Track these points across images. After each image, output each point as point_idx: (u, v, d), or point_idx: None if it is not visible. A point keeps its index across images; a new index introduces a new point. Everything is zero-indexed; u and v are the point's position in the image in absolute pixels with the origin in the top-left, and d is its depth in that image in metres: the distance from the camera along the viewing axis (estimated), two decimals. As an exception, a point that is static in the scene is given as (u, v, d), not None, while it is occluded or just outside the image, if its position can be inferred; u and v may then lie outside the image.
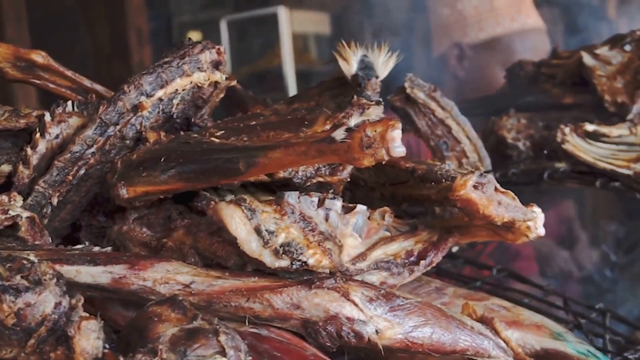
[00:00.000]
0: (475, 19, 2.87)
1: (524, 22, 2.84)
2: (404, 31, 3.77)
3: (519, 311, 1.41)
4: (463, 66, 2.93)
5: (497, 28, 2.84)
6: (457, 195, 1.22)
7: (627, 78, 1.88)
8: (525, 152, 1.90)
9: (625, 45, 1.95)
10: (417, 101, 1.64)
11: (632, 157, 1.75)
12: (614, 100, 1.86)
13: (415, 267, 1.29)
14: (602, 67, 1.93)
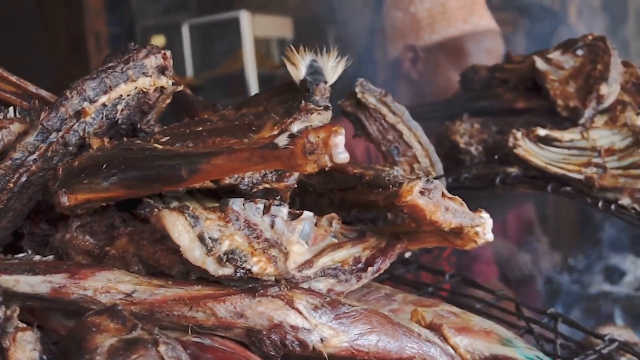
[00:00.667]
0: (428, 21, 2.87)
1: (476, 24, 2.85)
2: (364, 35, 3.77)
3: (468, 317, 1.40)
4: (417, 69, 2.93)
5: (449, 30, 2.85)
6: (404, 201, 1.21)
7: (579, 82, 1.89)
8: (477, 156, 1.90)
9: (578, 49, 1.96)
10: (368, 106, 1.63)
11: (583, 162, 1.75)
12: (566, 104, 1.86)
13: (362, 273, 1.28)
14: (554, 72, 1.93)
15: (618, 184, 1.72)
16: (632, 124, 1.79)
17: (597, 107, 1.84)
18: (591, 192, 1.74)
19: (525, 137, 1.78)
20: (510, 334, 1.40)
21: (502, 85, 2.08)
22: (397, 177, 1.31)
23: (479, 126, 1.95)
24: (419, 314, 1.29)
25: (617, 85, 1.88)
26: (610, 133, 1.80)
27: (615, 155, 1.76)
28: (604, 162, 1.75)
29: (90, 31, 4.31)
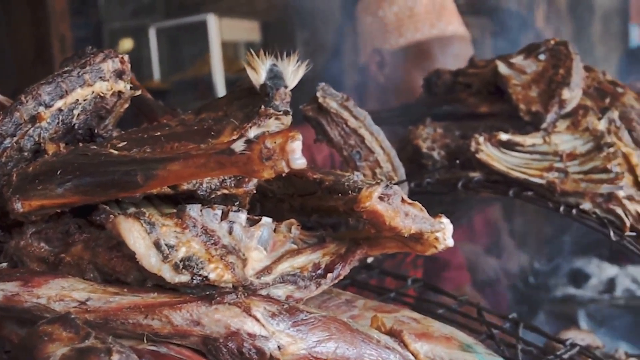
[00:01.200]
0: (395, 25, 2.87)
1: (444, 29, 2.85)
2: (334, 39, 3.76)
3: (429, 323, 1.40)
4: (383, 73, 2.92)
5: (416, 34, 2.85)
6: (363, 207, 1.20)
7: (541, 87, 1.89)
8: (440, 161, 1.90)
9: (540, 54, 1.96)
10: (329, 111, 1.62)
11: (545, 166, 1.76)
12: (529, 109, 1.86)
13: (322, 280, 1.27)
14: (517, 76, 1.93)
15: (579, 189, 1.72)
16: (594, 128, 1.80)
17: (559, 112, 1.84)
18: (553, 197, 1.74)
19: (487, 142, 1.78)
20: (470, 339, 1.39)
21: (465, 89, 2.08)
22: (356, 183, 1.30)
23: (442, 131, 1.94)
24: (379, 320, 1.28)
25: (579, 90, 1.88)
26: (572, 138, 1.81)
27: (577, 160, 1.76)
28: (565, 166, 1.75)
29: (55, 35, 4.28)
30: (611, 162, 1.73)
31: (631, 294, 3.46)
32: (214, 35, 6.18)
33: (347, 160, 1.66)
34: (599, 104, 1.92)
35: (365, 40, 3.06)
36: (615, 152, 1.75)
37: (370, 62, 2.99)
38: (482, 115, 1.99)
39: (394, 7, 2.90)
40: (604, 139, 1.77)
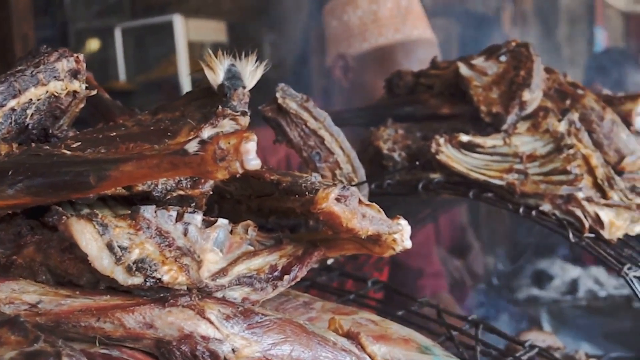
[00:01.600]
0: (360, 30, 2.85)
1: (408, 34, 2.84)
2: (300, 41, 3.76)
3: (387, 325, 1.39)
4: (347, 78, 2.91)
5: (379, 39, 2.83)
6: (319, 208, 1.19)
7: (502, 88, 1.89)
8: (400, 162, 1.89)
9: (501, 55, 1.96)
10: (289, 111, 1.61)
11: (505, 168, 1.76)
12: (489, 110, 1.86)
13: (278, 282, 1.26)
14: (478, 78, 1.93)
15: (539, 190, 1.72)
16: (554, 130, 1.80)
17: (519, 114, 1.84)
18: (512, 198, 1.75)
19: (447, 143, 1.78)
20: (429, 341, 1.39)
21: (426, 90, 2.08)
22: (313, 184, 1.29)
23: (403, 132, 1.94)
24: (336, 322, 1.27)
25: (539, 92, 1.89)
26: (532, 139, 1.81)
27: (537, 162, 1.77)
28: (525, 168, 1.75)
29: (18, 35, 4.23)
30: (571, 164, 1.74)
31: (593, 295, 3.48)
32: (180, 35, 6.14)
33: (306, 161, 1.65)
34: (560, 106, 1.92)
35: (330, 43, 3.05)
36: (575, 154, 1.75)
37: (335, 66, 2.97)
38: (443, 117, 1.98)
39: (359, 11, 2.89)
40: (564, 141, 1.78)
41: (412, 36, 2.86)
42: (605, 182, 1.75)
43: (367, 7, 2.89)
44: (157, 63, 6.76)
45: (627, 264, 1.68)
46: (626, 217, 1.74)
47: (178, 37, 6.24)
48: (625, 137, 1.89)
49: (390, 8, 2.88)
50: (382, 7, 2.88)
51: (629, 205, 1.75)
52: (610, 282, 3.51)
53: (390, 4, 2.88)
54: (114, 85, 6.07)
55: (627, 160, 1.85)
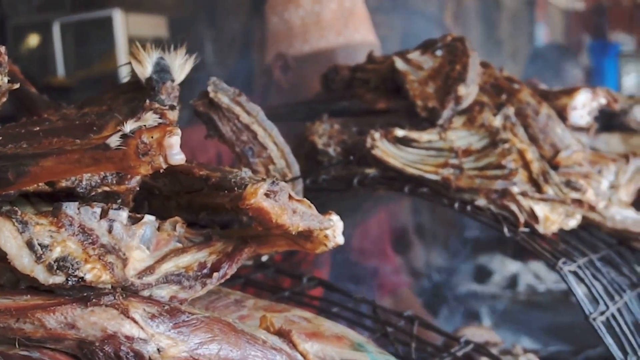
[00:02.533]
0: (301, 30, 2.80)
1: (350, 37, 2.78)
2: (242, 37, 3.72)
3: (320, 322, 1.37)
4: (287, 78, 2.85)
5: (321, 41, 2.78)
6: (248, 204, 1.17)
7: (438, 83, 1.88)
8: (336, 157, 1.87)
9: (437, 50, 1.95)
10: (221, 106, 1.57)
11: (440, 163, 1.75)
12: (425, 105, 1.84)
13: (208, 279, 1.23)
14: (414, 72, 1.92)
15: (474, 185, 1.72)
16: (489, 124, 1.80)
17: (455, 108, 1.83)
18: (448, 193, 1.74)
19: (383, 138, 1.76)
20: (362, 338, 1.38)
21: (363, 85, 2.06)
22: (243, 179, 1.27)
23: (339, 127, 1.92)
24: (267, 320, 1.25)
25: (475, 86, 1.88)
26: (468, 134, 1.80)
27: (472, 156, 1.76)
28: (460, 163, 1.75)
29: (-49, 30, 4.14)
30: (506, 158, 1.73)
31: (533, 290, 3.50)
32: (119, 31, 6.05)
33: (239, 156, 1.62)
34: (495, 100, 1.91)
35: (270, 40, 2.98)
36: (510, 148, 1.75)
37: (274, 66, 2.92)
38: (379, 111, 1.97)
39: (300, 11, 2.82)
40: (499, 135, 1.77)
41: (354, 40, 2.81)
42: (541, 176, 1.75)
43: (310, 8, 2.83)
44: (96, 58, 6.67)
45: (562, 259, 1.68)
46: (561, 211, 1.74)
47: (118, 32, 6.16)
48: (561, 132, 1.90)
49: (334, 10, 2.82)
50: (325, 8, 2.82)
51: (564, 199, 1.75)
52: (549, 276, 3.53)
53: (334, 6, 2.82)
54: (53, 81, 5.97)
55: (562, 154, 1.85)
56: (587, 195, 1.80)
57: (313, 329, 1.34)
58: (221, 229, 1.38)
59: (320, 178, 1.82)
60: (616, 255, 1.90)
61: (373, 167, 1.79)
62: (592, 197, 1.81)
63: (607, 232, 1.93)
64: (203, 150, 2.54)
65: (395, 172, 1.76)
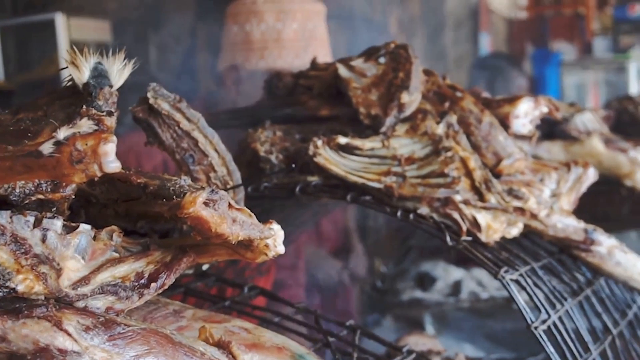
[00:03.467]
0: (259, 46, 2.74)
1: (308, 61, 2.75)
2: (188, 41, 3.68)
3: (260, 333, 1.35)
4: (238, 90, 2.80)
5: (278, 61, 2.72)
6: (186, 213, 1.14)
7: (381, 90, 1.87)
8: (278, 165, 1.85)
9: (380, 57, 1.94)
10: (160, 112, 1.55)
11: (383, 171, 1.74)
12: (368, 112, 1.83)
13: (145, 290, 1.20)
14: (357, 79, 1.91)
15: (417, 193, 1.71)
16: (432, 132, 1.79)
17: (398, 116, 1.82)
18: (390, 201, 1.73)
19: (325, 145, 1.74)
20: (303, 349, 1.36)
21: (306, 92, 2.04)
22: (182, 187, 1.24)
23: (282, 134, 1.90)
24: (206, 331, 1.23)
25: (418, 94, 1.87)
26: (411, 142, 1.79)
27: (415, 164, 1.75)
28: (403, 171, 1.74)
29: None
30: (448, 167, 1.73)
31: (476, 297, 3.50)
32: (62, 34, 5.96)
33: (179, 164, 1.59)
34: (438, 108, 1.91)
35: (227, 48, 2.93)
36: (452, 157, 1.74)
37: (227, 76, 2.87)
38: (322, 118, 1.95)
39: (262, 25, 2.77)
40: (442, 143, 1.77)
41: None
42: (483, 184, 1.75)
43: (272, 24, 2.77)
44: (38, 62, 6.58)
45: (504, 267, 1.68)
46: (503, 219, 1.74)
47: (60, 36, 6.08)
48: (503, 140, 1.90)
49: (295, 30, 2.77)
50: (287, 27, 2.76)
51: (506, 208, 1.75)
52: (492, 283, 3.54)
53: (296, 26, 2.77)
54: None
55: (505, 162, 1.85)
56: (529, 203, 1.81)
57: (253, 340, 1.32)
58: (160, 238, 1.36)
59: (262, 186, 1.80)
60: (557, 263, 1.91)
61: (315, 175, 1.77)
62: (534, 205, 1.82)
63: (548, 240, 1.93)
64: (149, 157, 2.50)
65: (337, 180, 1.75)
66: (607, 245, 1.93)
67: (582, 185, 1.99)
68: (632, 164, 2.89)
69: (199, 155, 1.59)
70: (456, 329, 3.28)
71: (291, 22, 2.73)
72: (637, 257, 1.95)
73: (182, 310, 1.38)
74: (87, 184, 1.32)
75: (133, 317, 1.23)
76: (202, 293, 1.71)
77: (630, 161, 2.90)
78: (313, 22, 2.74)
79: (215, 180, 1.62)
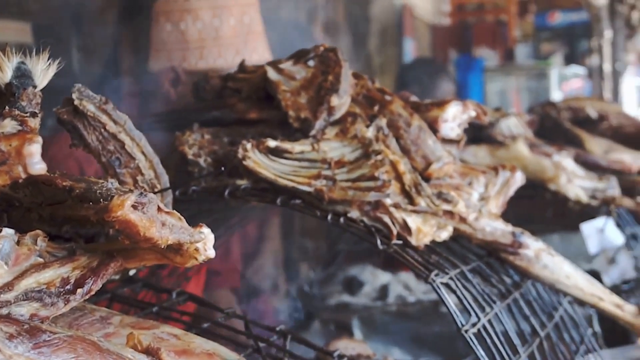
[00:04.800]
0: (197, 45, 2.66)
1: (248, 57, 2.69)
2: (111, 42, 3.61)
3: (190, 339, 1.32)
4: (177, 91, 2.72)
5: (218, 60, 2.66)
6: (114, 216, 1.11)
7: (310, 93, 1.86)
8: (206, 168, 1.82)
9: (309, 60, 1.93)
10: (86, 114, 1.50)
11: (313, 174, 1.72)
12: (298, 115, 1.82)
13: (71, 296, 1.17)
14: (286, 82, 1.89)
15: (347, 197, 1.70)
16: (362, 136, 1.78)
17: (327, 119, 1.81)
18: (321, 205, 1.71)
19: (255, 149, 1.72)
20: (234, 355, 1.33)
21: (234, 95, 2.02)
22: (109, 190, 1.21)
23: (210, 137, 1.87)
24: (135, 337, 1.19)
25: (347, 97, 1.87)
26: (341, 145, 1.78)
27: (345, 168, 1.74)
28: (333, 174, 1.73)
29: None
30: (378, 170, 1.72)
31: (403, 301, 3.51)
32: (-20, 36, 5.83)
33: (105, 167, 1.55)
34: (368, 112, 1.90)
35: (159, 47, 2.83)
36: (382, 160, 1.74)
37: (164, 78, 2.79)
38: (251, 121, 1.93)
39: (198, 24, 2.68)
40: (371, 147, 1.76)
41: (252, 60, 2.72)
42: (413, 188, 1.75)
43: (209, 21, 2.69)
44: (-45, 64, 6.41)
45: (435, 271, 1.68)
46: (433, 223, 1.74)
47: (-21, 37, 5.94)
48: (432, 144, 1.90)
49: (233, 26, 2.70)
50: (225, 23, 2.68)
51: (436, 211, 1.75)
52: (419, 287, 3.55)
53: (233, 22, 2.70)
54: None
55: (434, 166, 1.85)
56: (458, 207, 1.81)
57: (183, 347, 1.29)
58: (86, 243, 1.32)
59: (190, 189, 1.77)
60: (486, 266, 1.92)
61: (245, 179, 1.75)
62: (463, 209, 1.82)
63: (476, 243, 1.94)
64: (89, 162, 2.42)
65: (267, 184, 1.73)
66: (535, 248, 1.94)
67: (509, 189, 2.01)
68: (556, 168, 2.94)
69: (126, 158, 1.56)
70: (384, 333, 3.27)
71: (228, 17, 2.67)
72: (564, 260, 1.97)
73: (109, 317, 1.34)
74: (10, 187, 1.27)
75: (59, 324, 1.20)
76: (129, 299, 1.67)
77: (554, 165, 2.95)
78: (249, 15, 2.69)
79: (142, 184, 1.58)
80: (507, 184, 2.00)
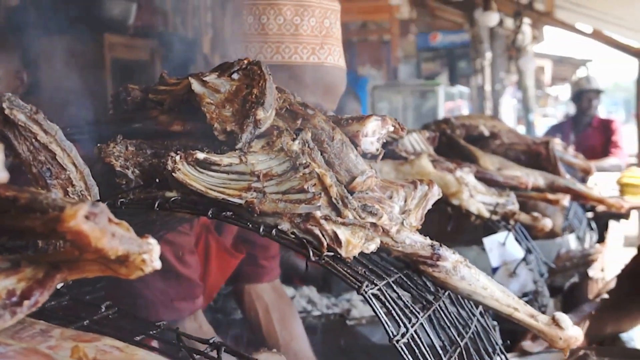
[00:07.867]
0: (275, 39, 2.66)
1: (323, 59, 2.67)
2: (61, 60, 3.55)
3: (132, 351, 1.31)
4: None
5: (294, 56, 2.65)
6: (67, 226, 1.10)
7: (235, 106, 1.86)
8: (134, 180, 1.80)
9: (234, 73, 1.93)
10: (17, 123, 1.48)
11: (243, 187, 1.72)
12: (224, 128, 1.82)
13: (18, 308, 1.15)
14: (210, 95, 1.89)
15: (278, 209, 1.71)
16: (289, 149, 1.80)
17: (254, 132, 1.82)
18: (252, 217, 1.72)
19: (184, 161, 1.72)
20: (175, 366, 1.33)
21: (156, 107, 2.00)
22: (56, 201, 1.19)
23: (134, 149, 1.85)
24: (80, 350, 1.19)
25: (272, 110, 1.88)
26: (268, 158, 1.79)
27: (274, 180, 1.75)
28: (263, 187, 1.73)
29: None
30: (307, 183, 1.74)
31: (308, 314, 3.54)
32: None
33: (36, 177, 1.53)
34: (291, 125, 1.92)
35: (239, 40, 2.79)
36: (311, 173, 1.75)
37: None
38: (175, 134, 1.92)
39: (280, 19, 2.68)
40: (299, 160, 1.77)
41: (326, 62, 2.71)
42: (340, 201, 1.77)
43: (290, 18, 2.68)
44: None
45: (365, 282, 1.70)
46: (361, 235, 1.77)
47: None
48: (355, 158, 1.93)
49: (313, 26, 2.70)
50: (305, 23, 2.68)
51: (363, 224, 1.78)
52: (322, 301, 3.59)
53: (314, 22, 2.70)
54: None
55: (358, 179, 1.88)
56: (382, 219, 1.84)
57: (127, 358, 1.28)
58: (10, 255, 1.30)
59: (119, 201, 1.75)
60: (406, 278, 1.95)
61: (174, 191, 1.74)
62: (387, 221, 1.86)
63: (395, 256, 1.97)
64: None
65: (197, 196, 1.72)
66: (452, 260, 1.99)
67: (427, 202, 2.05)
68: (459, 183, 3.02)
69: (57, 168, 1.53)
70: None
71: (309, 17, 2.68)
72: (480, 272, 2.02)
73: (49, 330, 1.32)
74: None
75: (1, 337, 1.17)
76: (57, 313, 1.63)
77: (457, 181, 3.03)
78: (330, 20, 2.71)
79: (73, 195, 1.56)
80: (425, 197, 2.05)
